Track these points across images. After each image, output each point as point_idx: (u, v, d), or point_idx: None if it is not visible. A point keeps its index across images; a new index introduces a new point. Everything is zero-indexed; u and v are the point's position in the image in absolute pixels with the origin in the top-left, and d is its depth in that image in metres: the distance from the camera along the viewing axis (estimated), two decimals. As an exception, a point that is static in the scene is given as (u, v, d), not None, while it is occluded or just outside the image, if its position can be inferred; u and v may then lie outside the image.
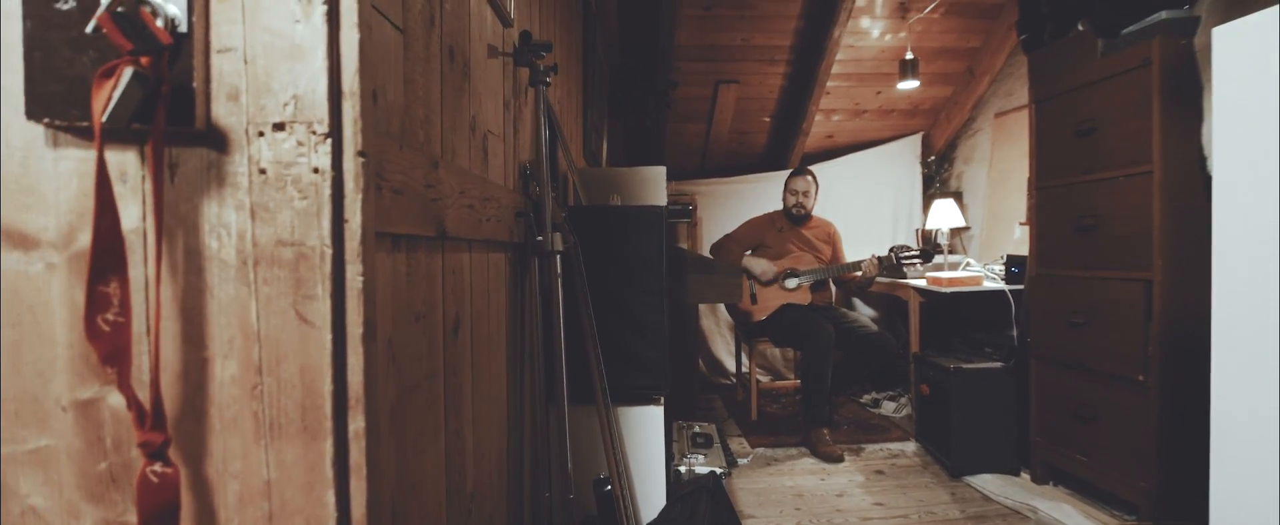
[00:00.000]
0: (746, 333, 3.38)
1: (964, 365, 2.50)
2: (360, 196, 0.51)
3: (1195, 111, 1.93)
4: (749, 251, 3.38)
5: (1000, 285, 2.87)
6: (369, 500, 0.51)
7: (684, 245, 4.15)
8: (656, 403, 1.67)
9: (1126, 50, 2.01)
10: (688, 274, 2.75)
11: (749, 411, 3.37)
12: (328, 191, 0.50)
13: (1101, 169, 2.09)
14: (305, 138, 0.50)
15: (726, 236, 3.38)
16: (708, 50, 3.62)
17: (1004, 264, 2.94)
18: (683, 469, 2.00)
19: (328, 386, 0.50)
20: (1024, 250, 2.64)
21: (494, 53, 1.27)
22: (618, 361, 1.65)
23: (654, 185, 2.09)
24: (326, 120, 0.50)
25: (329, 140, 0.50)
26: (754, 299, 3.20)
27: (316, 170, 0.50)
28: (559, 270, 1.41)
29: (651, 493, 1.69)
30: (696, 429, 2.38)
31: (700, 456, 2.07)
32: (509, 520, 1.35)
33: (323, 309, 0.50)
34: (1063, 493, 2.30)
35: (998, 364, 2.52)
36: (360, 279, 0.50)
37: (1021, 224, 3.42)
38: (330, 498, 0.50)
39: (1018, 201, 3.50)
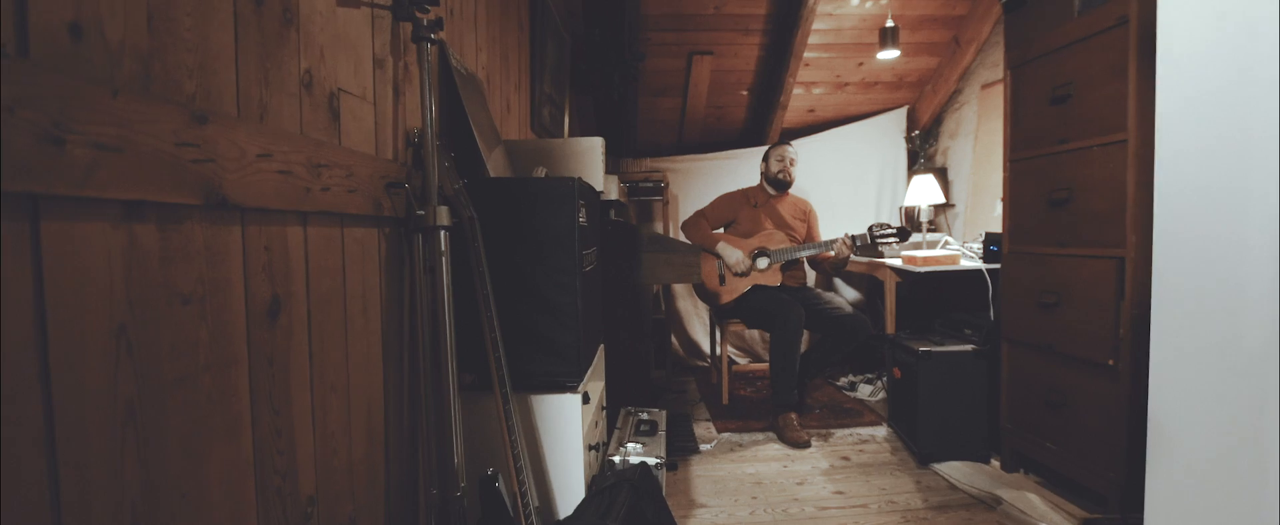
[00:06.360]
0: (717, 314, 3.25)
1: (933, 348, 2.36)
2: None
3: (1174, 71, 1.75)
4: (722, 228, 3.23)
5: (977, 264, 2.71)
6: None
7: (657, 224, 4.00)
8: (572, 390, 1.54)
9: (1104, 6, 1.83)
10: (643, 252, 2.61)
11: (721, 395, 3.25)
12: None
13: (1076, 138, 1.92)
14: None
15: (698, 212, 3.23)
16: (679, 19, 3.44)
17: (982, 242, 2.78)
18: (617, 459, 1.88)
19: None
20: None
21: (350, 1, 1.13)
22: (526, 346, 1.52)
23: (589, 158, 1.95)
24: None
25: None
26: (722, 280, 3.07)
27: None
28: (444, 247, 1.28)
29: (570, 487, 1.57)
30: (644, 416, 2.26)
31: (639, 446, 1.95)
32: (388, 521, 1.24)
33: None
34: (1031, 482, 2.17)
35: (969, 348, 2.38)
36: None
37: (1001, 200, 3.23)
38: None
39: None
